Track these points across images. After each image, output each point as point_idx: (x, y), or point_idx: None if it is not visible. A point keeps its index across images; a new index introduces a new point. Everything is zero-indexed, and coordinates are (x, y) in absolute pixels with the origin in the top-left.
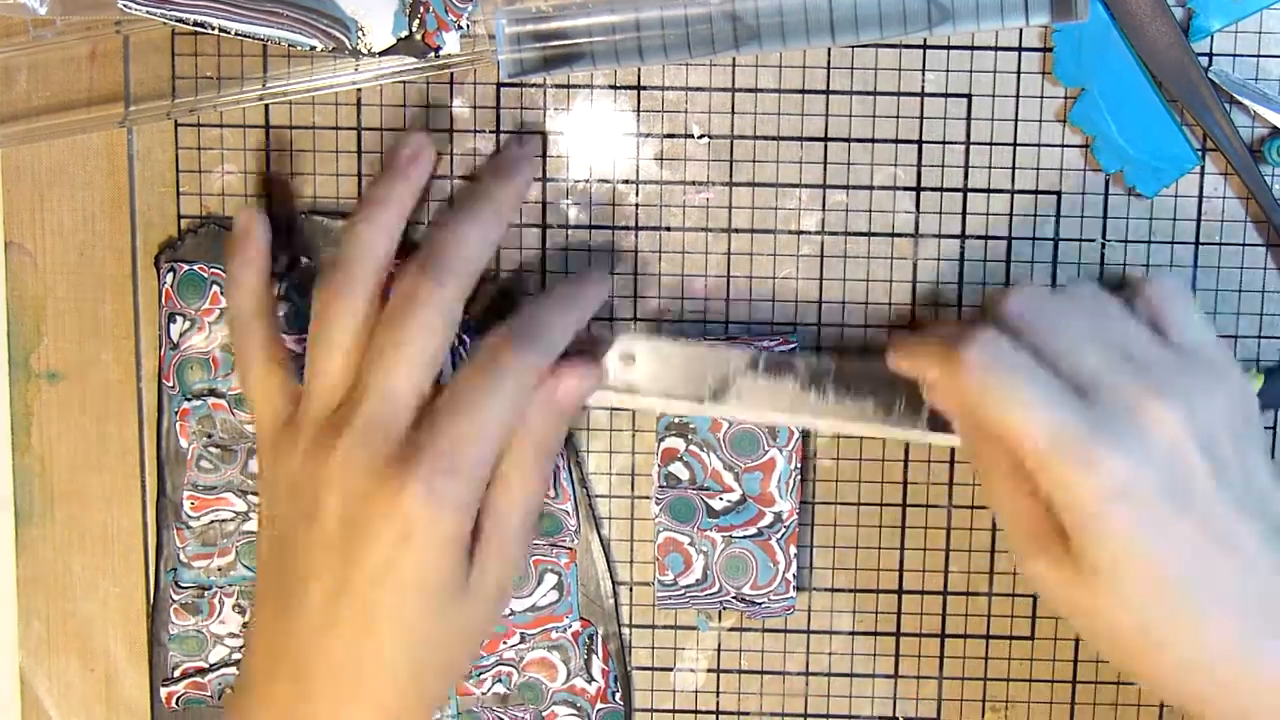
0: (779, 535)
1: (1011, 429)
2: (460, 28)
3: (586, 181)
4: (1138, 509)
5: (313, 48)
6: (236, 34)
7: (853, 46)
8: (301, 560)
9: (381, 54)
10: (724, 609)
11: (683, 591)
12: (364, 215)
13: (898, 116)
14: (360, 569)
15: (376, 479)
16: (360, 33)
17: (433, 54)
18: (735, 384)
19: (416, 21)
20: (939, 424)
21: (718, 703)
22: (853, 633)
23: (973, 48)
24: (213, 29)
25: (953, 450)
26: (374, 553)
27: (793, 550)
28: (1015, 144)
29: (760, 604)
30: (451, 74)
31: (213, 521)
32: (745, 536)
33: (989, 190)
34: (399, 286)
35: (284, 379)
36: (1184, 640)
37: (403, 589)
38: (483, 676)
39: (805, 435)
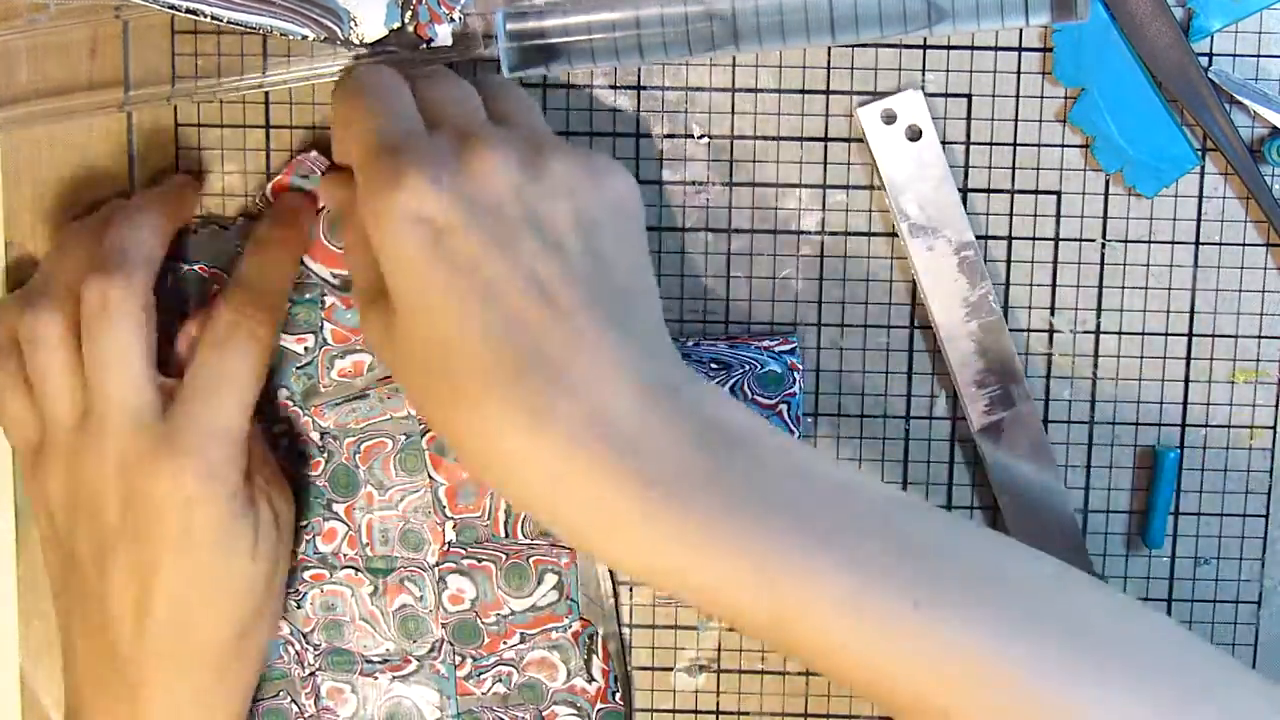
0: None
1: (352, 139)
2: (453, 20)
3: None
4: (437, 236)
5: (304, 37)
6: (229, 22)
7: (853, 46)
8: (94, 560)
9: (373, 45)
10: None
11: None
12: (49, 253)
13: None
14: (156, 543)
15: (148, 469)
16: (353, 23)
17: (425, 45)
18: None
19: (409, 13)
20: None
21: (718, 703)
22: None
23: (973, 48)
24: (205, 16)
25: (952, 451)
26: (165, 525)
27: None
28: (1015, 144)
29: None
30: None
31: None
32: None
33: (989, 190)
34: (85, 294)
35: (33, 402)
36: (457, 356)
37: (200, 549)
38: (483, 676)
39: (806, 436)
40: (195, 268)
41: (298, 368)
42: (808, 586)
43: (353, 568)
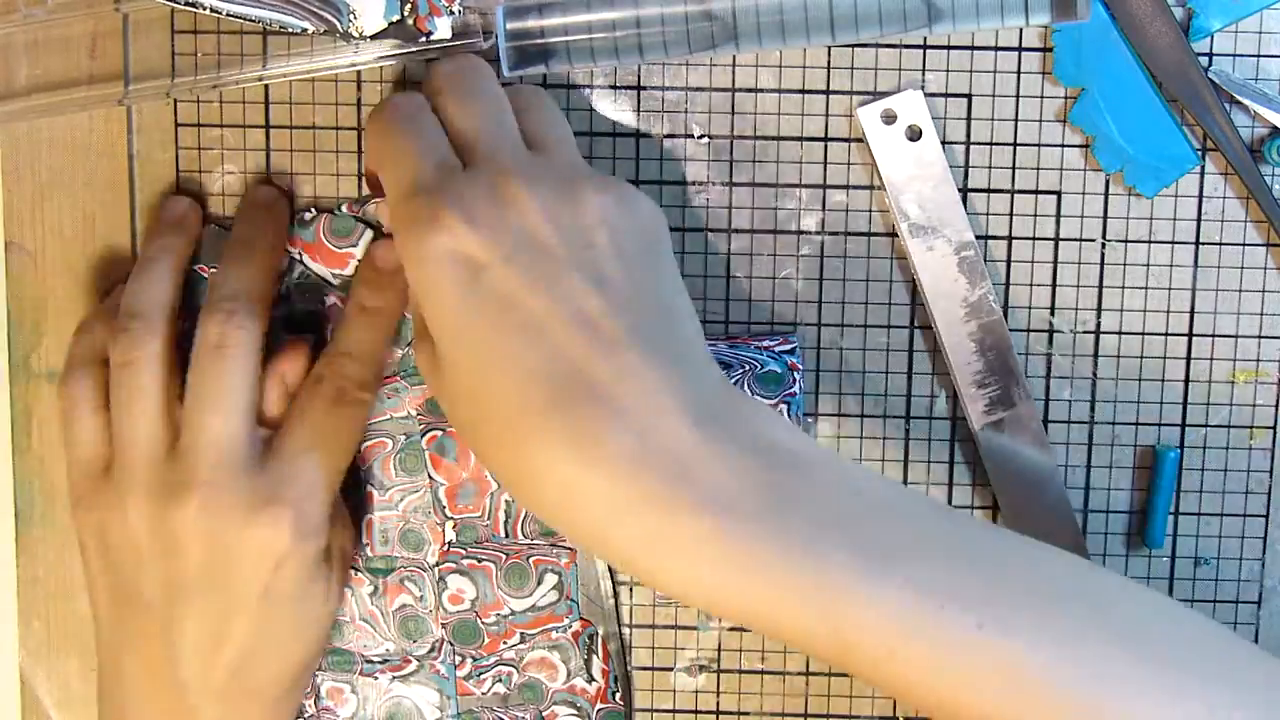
0: None
1: (386, 181)
2: (452, 13)
3: None
4: (475, 273)
5: (303, 30)
6: (229, 15)
7: (853, 46)
8: (165, 600)
9: (372, 38)
10: None
11: None
12: (141, 271)
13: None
14: (238, 594)
15: (242, 518)
16: (351, 16)
17: (424, 39)
18: None
19: (408, 6)
20: None
21: (718, 703)
22: None
23: (973, 48)
24: (205, 9)
25: (952, 451)
26: (251, 577)
27: None
28: (1015, 144)
29: None
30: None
31: None
32: None
33: (989, 190)
34: (203, 334)
35: (106, 425)
36: (501, 392)
37: (282, 603)
38: (483, 676)
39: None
40: (195, 268)
41: None
42: (869, 609)
43: (353, 568)
